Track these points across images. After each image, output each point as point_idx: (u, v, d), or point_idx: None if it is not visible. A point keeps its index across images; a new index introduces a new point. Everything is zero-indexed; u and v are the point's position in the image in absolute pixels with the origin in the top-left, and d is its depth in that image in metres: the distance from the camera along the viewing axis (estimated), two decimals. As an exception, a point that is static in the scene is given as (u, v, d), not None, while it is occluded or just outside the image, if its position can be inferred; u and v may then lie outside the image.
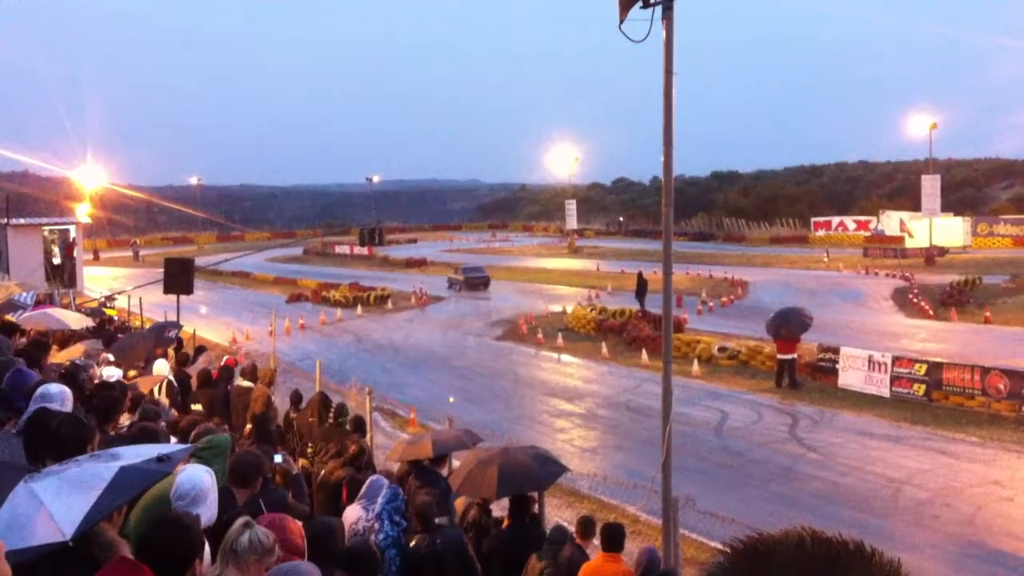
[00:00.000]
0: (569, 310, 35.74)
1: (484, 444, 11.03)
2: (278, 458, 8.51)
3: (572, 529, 8.74)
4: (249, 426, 11.53)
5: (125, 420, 7.82)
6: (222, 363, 15.44)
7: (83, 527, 3.34)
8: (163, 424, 7.94)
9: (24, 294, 20.77)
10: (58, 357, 11.19)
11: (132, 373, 12.30)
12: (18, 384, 6.97)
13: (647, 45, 8.18)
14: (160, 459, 3.98)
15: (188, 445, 5.61)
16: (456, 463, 10.69)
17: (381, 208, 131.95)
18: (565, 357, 28.83)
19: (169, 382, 11.95)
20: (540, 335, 31.54)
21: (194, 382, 13.35)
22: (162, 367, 12.63)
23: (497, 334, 33.35)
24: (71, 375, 8.51)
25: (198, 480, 4.88)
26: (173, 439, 7.47)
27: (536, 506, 9.63)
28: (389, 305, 42.51)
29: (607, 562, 7.68)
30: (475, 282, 48.32)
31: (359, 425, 12.11)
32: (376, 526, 7.62)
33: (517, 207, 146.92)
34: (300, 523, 5.07)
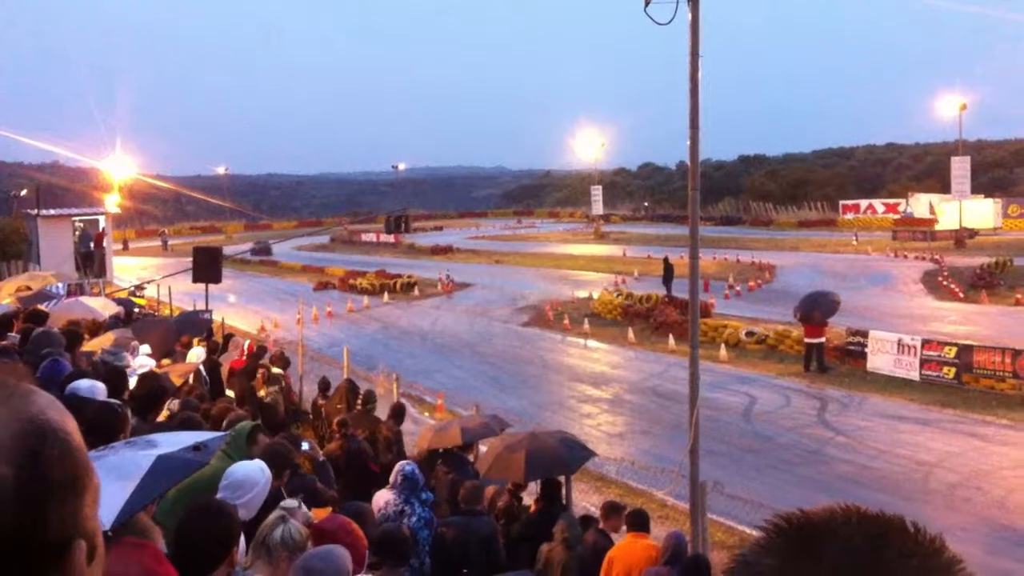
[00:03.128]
0: (595, 296, 35.67)
1: (511, 430, 11.07)
2: (305, 446, 8.59)
3: (597, 514, 8.76)
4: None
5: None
6: (244, 350, 15.56)
7: (122, 517, 3.33)
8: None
9: (58, 285, 21.07)
10: (88, 346, 11.30)
11: (166, 362, 12.42)
12: (53, 373, 7.03)
13: (673, 28, 8.15)
14: (196, 447, 3.98)
15: (224, 433, 5.65)
16: (483, 448, 10.74)
17: (407, 196, 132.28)
18: (591, 343, 28.79)
19: (197, 371, 12.04)
20: (566, 321, 31.51)
21: (226, 370, 13.46)
22: (196, 355, 12.74)
23: (523, 320, 33.34)
24: (103, 364, 8.60)
25: (250, 474, 4.92)
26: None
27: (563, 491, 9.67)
28: (416, 292, 42.58)
29: (636, 539, 7.76)
30: (261, 249, 63.69)
31: (398, 413, 12.22)
32: (407, 509, 7.68)
33: (543, 193, 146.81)
34: (363, 536, 5.00)
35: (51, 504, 0.94)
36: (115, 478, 3.48)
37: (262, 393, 13.27)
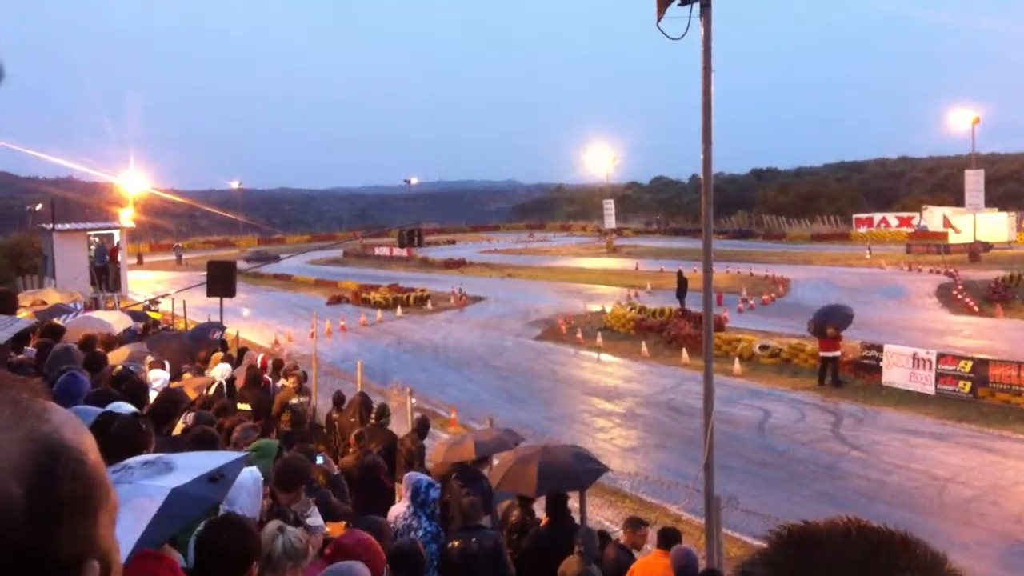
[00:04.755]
0: (608, 309, 35.63)
1: (524, 443, 11.05)
2: (319, 459, 8.60)
3: (612, 529, 8.75)
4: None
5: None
6: (258, 363, 15.58)
7: (129, 557, 3.22)
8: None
9: (78, 303, 21.26)
10: (104, 360, 11.35)
11: (187, 376, 12.47)
12: (70, 388, 7.03)
13: (686, 42, 8.17)
14: (213, 478, 3.89)
15: (242, 455, 5.64)
16: (496, 461, 10.73)
17: (419, 210, 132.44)
18: (605, 356, 28.75)
19: (220, 385, 12.07)
20: (579, 335, 31.49)
21: (240, 384, 13.50)
22: (221, 371, 12.77)
23: (536, 334, 33.33)
24: (122, 379, 8.63)
25: (238, 480, 4.90)
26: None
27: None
28: (429, 306, 42.63)
29: (661, 557, 7.76)
30: (265, 258, 67.09)
31: (422, 426, 12.29)
32: (414, 523, 7.69)
33: (555, 207, 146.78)
34: (382, 551, 4.99)
35: (62, 523, 0.93)
36: (126, 510, 3.37)
37: (294, 401, 13.37)
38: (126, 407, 6.24)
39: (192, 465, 3.93)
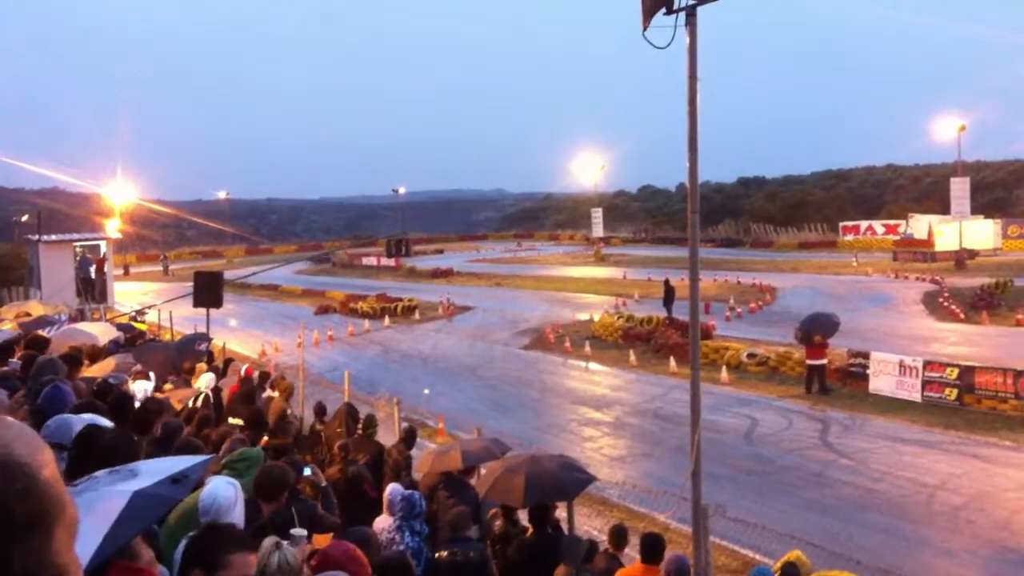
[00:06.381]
0: (596, 318, 35.62)
1: (512, 453, 11.02)
2: (307, 471, 8.55)
3: (605, 539, 8.72)
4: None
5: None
6: (242, 374, 15.51)
7: (95, 561, 3.18)
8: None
9: (61, 315, 21.14)
10: (90, 372, 11.29)
11: (168, 387, 12.39)
12: (54, 400, 6.97)
13: (672, 50, 8.18)
14: (175, 479, 3.84)
15: (206, 457, 5.56)
16: (483, 471, 10.70)
17: (407, 219, 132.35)
18: (592, 365, 28.76)
19: (207, 396, 12.00)
20: (567, 344, 31.48)
21: (226, 395, 13.42)
22: (206, 381, 12.71)
23: (524, 343, 33.31)
24: (105, 390, 8.58)
25: (218, 493, 4.86)
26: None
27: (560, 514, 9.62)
28: (416, 316, 42.56)
29: (645, 573, 7.69)
30: (323, 259, 66.01)
31: (409, 436, 12.24)
32: (396, 537, 7.65)
33: (543, 216, 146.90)
34: (367, 563, 4.97)
35: (14, 541, 0.90)
36: (89, 516, 3.31)
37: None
38: (103, 421, 6.17)
39: (156, 470, 3.88)
